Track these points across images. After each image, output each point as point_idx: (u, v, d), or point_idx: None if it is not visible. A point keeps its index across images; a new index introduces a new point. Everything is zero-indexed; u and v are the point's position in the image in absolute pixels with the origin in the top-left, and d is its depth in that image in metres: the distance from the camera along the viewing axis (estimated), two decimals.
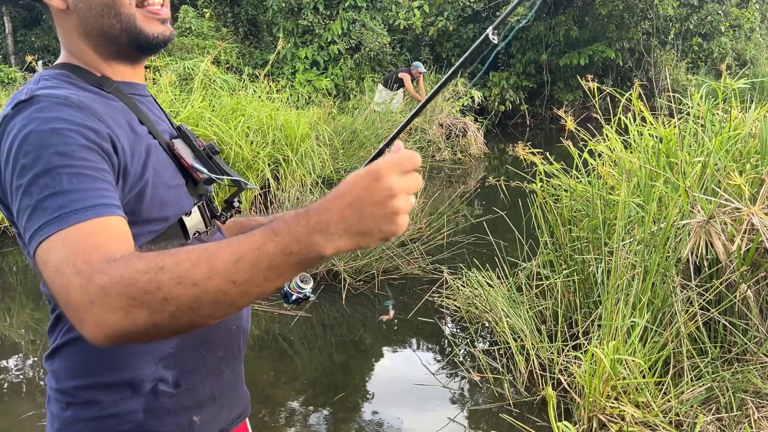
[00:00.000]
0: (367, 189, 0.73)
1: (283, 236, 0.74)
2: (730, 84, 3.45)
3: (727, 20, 13.37)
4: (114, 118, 0.95)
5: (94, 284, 0.75)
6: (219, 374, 1.10)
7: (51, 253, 0.80)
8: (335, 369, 3.53)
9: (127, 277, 0.74)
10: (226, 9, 12.59)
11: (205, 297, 0.74)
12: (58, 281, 0.78)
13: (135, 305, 0.74)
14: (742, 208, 2.79)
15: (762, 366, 2.75)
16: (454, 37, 13.30)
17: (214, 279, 0.74)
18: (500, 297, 3.52)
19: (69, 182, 0.83)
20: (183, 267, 0.74)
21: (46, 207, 0.82)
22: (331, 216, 0.74)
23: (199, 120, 6.01)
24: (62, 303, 0.78)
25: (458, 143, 9.60)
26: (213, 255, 0.75)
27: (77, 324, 0.77)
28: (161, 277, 0.74)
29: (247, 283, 0.75)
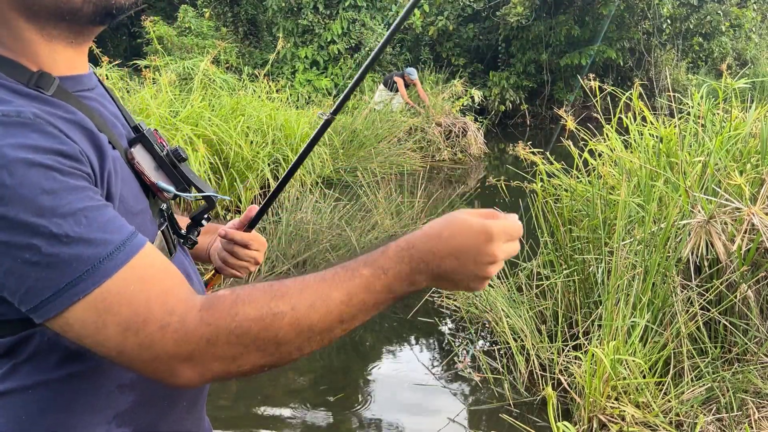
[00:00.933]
0: (475, 246, 0.74)
1: (389, 276, 0.73)
2: (730, 84, 3.45)
3: (727, 20, 13.37)
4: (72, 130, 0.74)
5: (194, 335, 0.69)
6: (180, 424, 0.93)
7: (103, 315, 0.67)
8: (335, 369, 3.53)
9: (238, 326, 0.69)
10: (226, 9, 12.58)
11: (314, 338, 0.73)
12: (132, 342, 0.68)
13: (246, 352, 0.70)
14: (742, 207, 2.79)
15: (762, 366, 2.75)
16: (454, 36, 13.29)
17: (327, 320, 0.72)
18: (500, 297, 3.52)
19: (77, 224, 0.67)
20: (300, 312, 0.71)
21: (63, 262, 0.66)
22: (433, 259, 0.74)
23: (199, 120, 6.01)
24: (144, 361, 0.69)
25: (458, 143, 9.60)
26: (328, 297, 0.72)
27: (167, 376, 0.70)
28: (278, 323, 0.71)
29: (350, 321, 0.74)
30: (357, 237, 4.61)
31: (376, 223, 4.90)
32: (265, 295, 0.72)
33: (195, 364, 0.70)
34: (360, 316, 0.74)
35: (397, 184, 5.87)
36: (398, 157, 8.23)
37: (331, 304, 0.72)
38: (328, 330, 0.73)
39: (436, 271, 0.74)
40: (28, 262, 0.66)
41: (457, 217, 0.76)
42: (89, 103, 0.83)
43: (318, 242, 4.55)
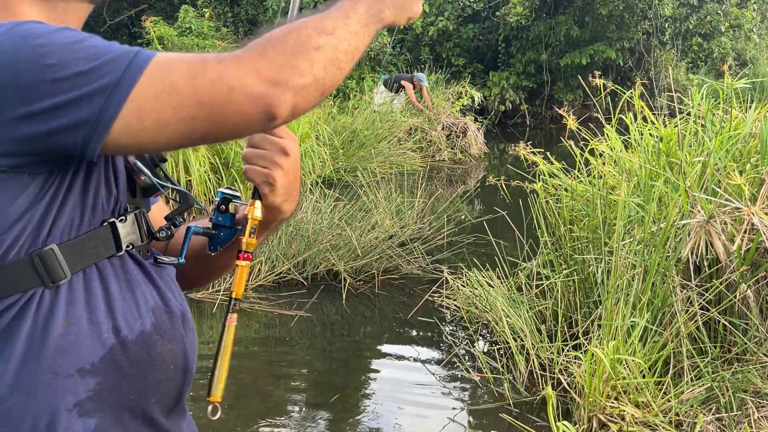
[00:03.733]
0: None
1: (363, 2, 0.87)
2: (730, 84, 3.45)
3: (726, 20, 13.37)
4: None
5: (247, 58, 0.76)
6: (151, 424, 0.88)
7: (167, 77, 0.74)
8: (335, 369, 3.53)
9: (275, 39, 0.78)
10: (226, 9, 12.60)
11: (340, 46, 0.82)
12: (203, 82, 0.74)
13: (295, 57, 0.77)
14: (742, 207, 2.79)
15: (762, 366, 2.75)
16: (454, 36, 13.29)
17: (340, 30, 0.83)
18: (500, 297, 3.52)
19: (109, 45, 0.76)
20: (316, 22, 0.82)
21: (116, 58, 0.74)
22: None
23: None
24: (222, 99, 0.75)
25: (458, 143, 9.60)
26: (329, 15, 0.84)
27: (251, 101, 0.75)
28: (305, 31, 0.80)
29: (356, 35, 0.85)
30: (357, 237, 4.61)
31: (376, 223, 4.90)
32: (283, 25, 0.82)
33: (265, 77, 0.76)
34: (361, 32, 0.86)
35: (397, 184, 5.87)
36: (398, 157, 8.24)
37: (336, 18, 0.84)
38: (346, 39, 0.83)
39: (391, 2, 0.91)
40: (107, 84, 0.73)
41: None
42: None
43: (318, 242, 4.55)
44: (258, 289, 4.35)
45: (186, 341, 0.93)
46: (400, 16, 0.94)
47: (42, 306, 0.80)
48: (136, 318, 0.86)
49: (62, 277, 0.81)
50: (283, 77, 0.76)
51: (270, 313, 4.10)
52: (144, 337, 0.86)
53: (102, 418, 0.82)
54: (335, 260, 4.46)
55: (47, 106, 0.72)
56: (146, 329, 0.86)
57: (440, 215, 5.35)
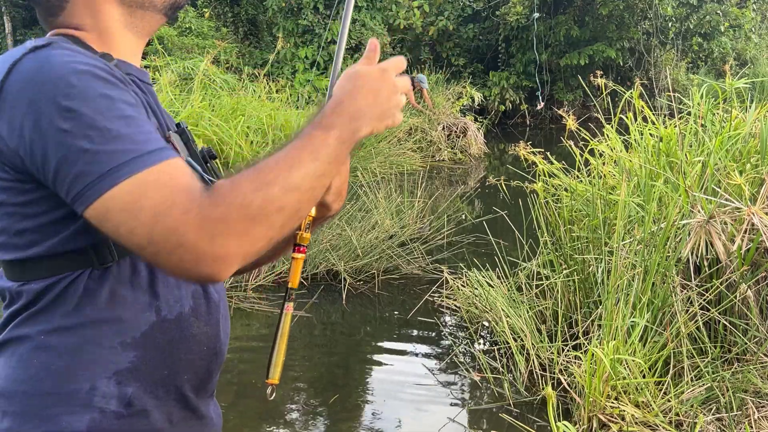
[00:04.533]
0: (379, 80, 0.91)
1: (337, 129, 0.86)
2: (730, 84, 3.45)
3: (726, 20, 13.37)
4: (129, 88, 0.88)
5: (211, 217, 0.76)
6: (181, 400, 0.96)
7: (139, 199, 0.76)
8: (335, 369, 3.53)
9: (242, 200, 0.77)
10: (226, 9, 12.59)
11: (304, 197, 0.83)
12: (161, 226, 0.75)
13: (255, 224, 0.78)
14: (742, 207, 2.79)
15: (762, 366, 2.75)
16: (454, 36, 13.29)
17: (307, 179, 0.82)
18: (500, 297, 3.52)
19: (128, 126, 0.79)
20: (284, 175, 0.81)
21: (110, 152, 0.76)
22: (361, 106, 0.88)
23: (199, 120, 6.01)
24: (170, 247, 0.76)
25: (458, 143, 9.60)
26: (300, 158, 0.83)
27: (192, 265, 0.76)
28: (272, 191, 0.79)
29: (324, 176, 0.85)
30: (357, 237, 4.61)
31: (376, 223, 4.90)
32: (254, 172, 0.81)
33: (218, 247, 0.76)
34: (329, 170, 0.86)
35: (397, 184, 5.87)
36: (398, 157, 8.24)
37: (305, 164, 0.83)
38: (311, 188, 0.84)
39: (369, 115, 0.89)
40: (82, 150, 0.76)
41: (357, 71, 0.92)
42: (137, 88, 0.94)
43: (318, 242, 4.55)
44: (258, 289, 4.35)
45: (220, 326, 1.01)
46: (379, 126, 0.92)
47: (90, 283, 0.88)
48: (177, 299, 0.94)
49: (110, 261, 0.88)
50: (235, 251, 0.77)
51: (270, 313, 4.10)
52: (182, 318, 0.94)
53: (137, 388, 0.90)
54: (335, 260, 4.46)
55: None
56: (185, 311, 0.95)
57: (440, 215, 5.35)
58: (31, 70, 0.79)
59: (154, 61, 7.77)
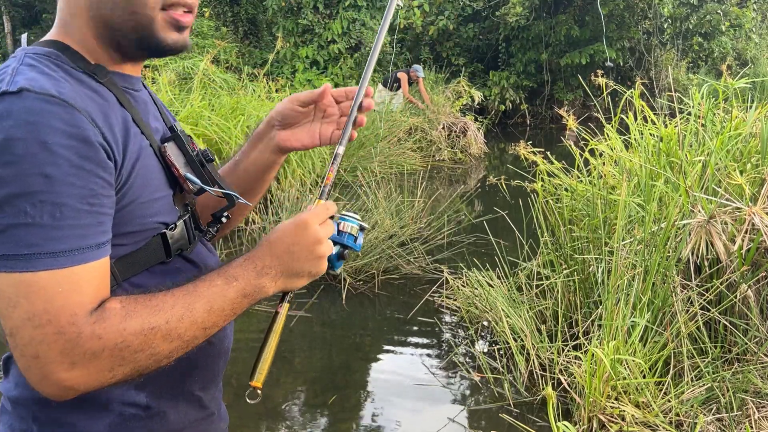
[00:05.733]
0: (298, 236, 0.91)
1: (239, 281, 0.87)
2: (731, 84, 3.45)
3: (727, 20, 13.36)
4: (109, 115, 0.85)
5: (82, 348, 0.75)
6: (194, 400, 1.01)
7: (17, 298, 0.74)
8: (335, 369, 3.53)
9: (120, 341, 0.77)
10: (226, 8, 12.59)
11: (181, 346, 0.83)
12: (28, 332, 0.74)
13: (122, 364, 0.78)
14: (742, 207, 2.79)
15: (762, 366, 2.75)
16: (455, 36, 13.29)
17: (192, 330, 0.83)
18: (500, 297, 3.52)
19: (51, 215, 0.74)
20: (172, 324, 0.81)
21: (17, 237, 0.74)
22: (272, 261, 0.89)
23: (199, 119, 6.01)
24: (27, 355, 0.75)
25: (458, 143, 9.59)
26: (193, 308, 0.83)
27: (35, 378, 0.76)
28: (153, 337, 0.79)
29: (212, 327, 0.85)
30: None
31: (376, 222, 4.90)
32: (146, 310, 0.80)
33: (73, 376, 0.76)
34: (220, 321, 0.86)
35: (397, 184, 5.87)
36: (398, 157, 8.23)
37: (196, 314, 0.83)
38: (194, 338, 0.84)
39: (279, 269, 0.90)
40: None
41: (282, 223, 0.93)
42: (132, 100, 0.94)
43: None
44: None
45: (227, 328, 1.04)
46: (291, 284, 0.93)
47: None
48: None
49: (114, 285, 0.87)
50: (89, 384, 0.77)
51: (270, 312, 4.10)
52: None
53: (154, 392, 0.94)
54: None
55: None
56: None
57: (440, 215, 5.34)
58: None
59: (153, 61, 7.76)
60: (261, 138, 1.20)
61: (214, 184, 1.00)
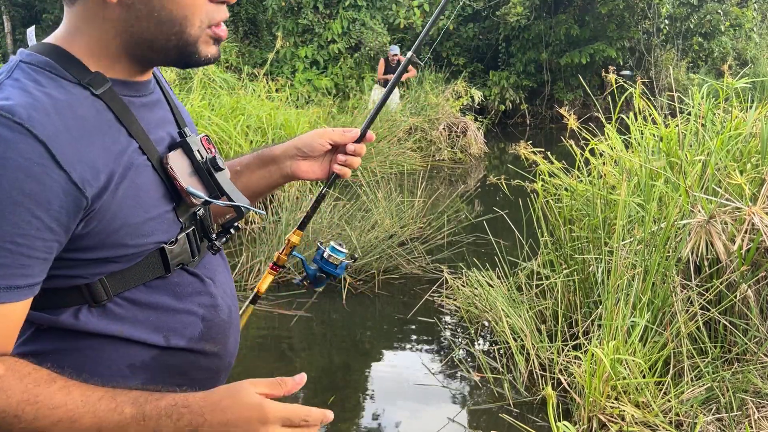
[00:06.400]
0: (246, 422, 0.75)
1: (148, 426, 0.73)
2: (731, 84, 3.45)
3: (727, 20, 13.36)
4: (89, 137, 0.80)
5: None
6: None
7: None
8: (335, 369, 3.53)
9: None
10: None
11: None
12: None
13: None
14: (742, 207, 2.79)
15: (762, 366, 2.75)
16: (455, 36, 13.29)
17: None
18: (500, 297, 3.52)
19: None
20: (40, 423, 0.72)
21: None
22: (201, 425, 0.74)
23: (199, 119, 6.01)
24: None
25: (458, 143, 9.59)
26: (75, 421, 0.73)
27: None
28: (13, 425, 0.72)
29: None
30: (357, 236, 4.61)
31: (376, 222, 4.90)
32: (23, 395, 0.72)
33: None
34: None
35: (396, 184, 5.87)
36: (398, 157, 8.23)
37: (76, 429, 0.73)
38: None
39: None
40: None
41: (243, 387, 0.77)
42: (134, 109, 0.88)
43: (318, 242, 4.54)
44: None
45: (230, 340, 1.00)
46: None
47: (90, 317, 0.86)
48: (185, 326, 0.92)
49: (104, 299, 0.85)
50: None
51: (270, 313, 4.10)
52: (192, 343, 0.93)
53: None
54: None
55: None
56: (194, 336, 0.93)
57: (440, 215, 5.34)
58: None
59: None
60: (275, 161, 1.18)
61: (222, 194, 0.95)
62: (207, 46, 0.89)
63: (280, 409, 0.76)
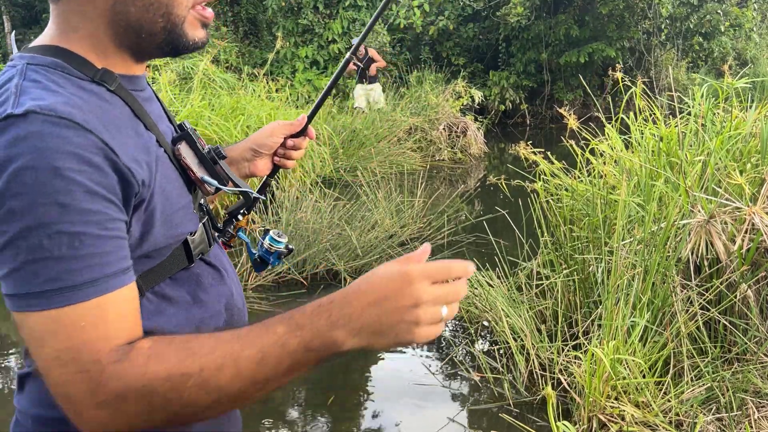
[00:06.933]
0: (393, 291, 0.72)
1: (305, 331, 0.72)
2: (731, 83, 3.45)
3: (727, 20, 13.36)
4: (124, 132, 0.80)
5: (106, 388, 0.70)
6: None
7: (44, 336, 0.70)
8: (335, 369, 3.53)
9: (147, 384, 0.70)
10: (226, 8, 12.58)
11: (225, 399, 0.72)
12: (56, 372, 0.71)
13: (153, 410, 0.71)
14: (742, 207, 2.79)
15: (762, 366, 2.75)
16: (455, 36, 13.29)
17: (237, 382, 0.71)
18: (500, 296, 3.52)
19: (69, 246, 0.70)
20: (208, 373, 0.71)
21: (35, 272, 0.70)
22: (353, 312, 0.72)
23: (199, 119, 6.01)
24: (58, 394, 0.72)
25: (458, 143, 9.59)
26: (239, 357, 0.71)
27: (74, 416, 0.72)
28: (185, 385, 0.71)
29: (266, 382, 0.73)
30: (357, 236, 4.61)
31: (376, 222, 4.90)
32: (178, 353, 0.72)
33: (102, 417, 0.71)
34: (276, 379, 0.73)
35: (396, 184, 5.87)
36: (398, 157, 8.24)
37: (242, 364, 0.71)
38: (241, 393, 0.72)
39: (358, 324, 0.71)
40: (11, 257, 0.70)
41: (378, 269, 0.75)
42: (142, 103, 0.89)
43: (318, 242, 4.54)
44: (258, 288, 4.34)
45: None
46: (375, 343, 0.73)
47: None
48: (212, 317, 0.93)
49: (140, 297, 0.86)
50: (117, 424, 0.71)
51: (269, 313, 4.10)
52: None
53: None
54: (335, 260, 4.46)
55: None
56: (220, 326, 0.95)
57: (440, 215, 5.34)
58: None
59: (153, 61, 7.76)
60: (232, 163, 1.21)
61: (227, 182, 0.97)
62: (194, 29, 0.89)
63: (422, 268, 0.73)
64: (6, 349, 3.88)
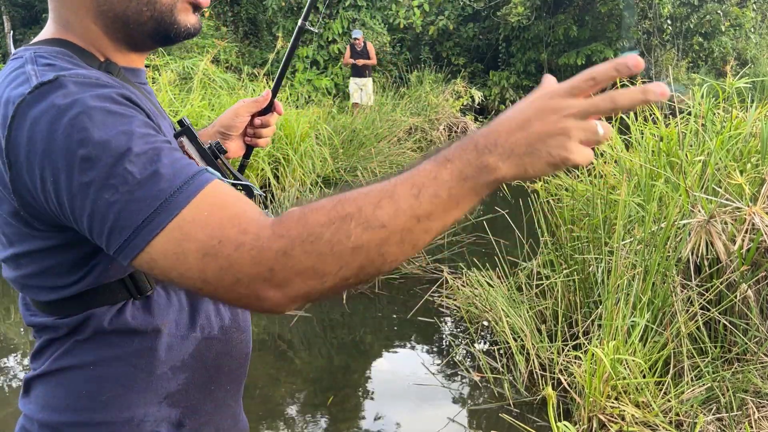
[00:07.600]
0: (537, 110, 0.68)
1: (455, 162, 0.68)
2: (731, 83, 3.45)
3: (727, 20, 13.37)
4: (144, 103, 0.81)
5: (269, 250, 0.67)
6: (224, 409, 0.99)
7: (182, 243, 0.68)
8: (335, 369, 3.53)
9: (310, 232, 0.67)
10: (226, 8, 12.59)
11: (392, 239, 0.68)
12: (212, 266, 0.68)
13: (322, 261, 0.67)
14: (742, 207, 2.79)
15: (762, 366, 2.75)
16: (455, 36, 13.29)
17: (400, 217, 0.67)
18: (500, 297, 3.52)
19: (151, 161, 0.70)
20: (368, 210, 0.67)
21: (139, 198, 0.68)
22: (498, 136, 0.68)
23: (199, 119, 6.01)
24: (226, 286, 0.68)
25: None
26: (394, 192, 0.68)
27: (252, 300, 0.69)
28: (348, 226, 0.67)
29: (428, 218, 0.68)
30: None
31: None
32: (331, 201, 0.69)
33: (277, 283, 0.68)
34: (438, 215, 0.68)
35: None
36: (398, 157, 8.24)
37: (400, 199, 0.67)
38: (405, 229, 0.68)
39: (507, 147, 0.67)
40: (109, 203, 0.69)
41: (521, 100, 0.71)
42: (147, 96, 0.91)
43: None
44: None
45: (249, 329, 1.01)
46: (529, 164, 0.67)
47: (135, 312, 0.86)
48: (217, 314, 0.94)
49: (148, 290, 0.86)
50: (299, 287, 0.68)
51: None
52: (224, 331, 0.95)
53: (187, 407, 0.91)
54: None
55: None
56: (225, 323, 0.95)
57: None
58: (39, 118, 0.71)
59: (153, 60, 7.76)
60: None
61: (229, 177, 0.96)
62: (186, 14, 0.89)
63: (562, 84, 0.69)
64: (6, 349, 3.88)
